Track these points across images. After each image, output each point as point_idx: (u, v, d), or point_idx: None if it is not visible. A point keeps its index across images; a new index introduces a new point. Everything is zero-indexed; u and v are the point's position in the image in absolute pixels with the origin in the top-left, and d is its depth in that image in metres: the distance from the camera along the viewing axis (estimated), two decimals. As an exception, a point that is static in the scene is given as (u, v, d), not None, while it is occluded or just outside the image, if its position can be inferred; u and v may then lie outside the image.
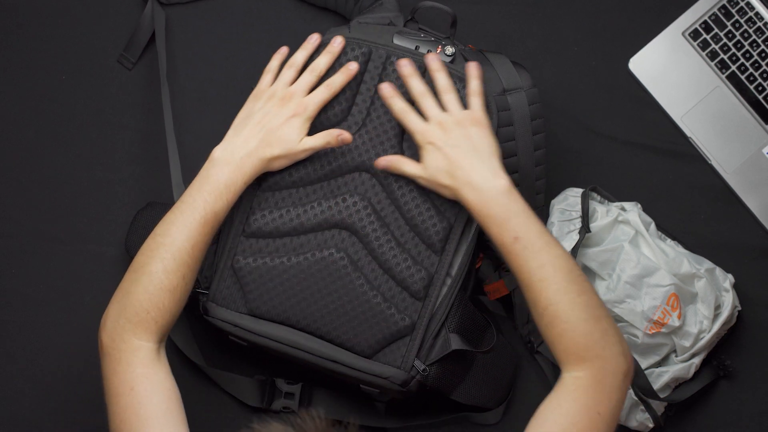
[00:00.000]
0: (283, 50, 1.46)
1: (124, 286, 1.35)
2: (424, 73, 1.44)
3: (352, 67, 1.43)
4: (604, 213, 1.57)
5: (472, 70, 1.43)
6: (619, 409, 1.29)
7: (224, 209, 1.38)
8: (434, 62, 1.42)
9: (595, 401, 1.27)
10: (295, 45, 1.63)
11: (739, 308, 1.58)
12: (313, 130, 1.44)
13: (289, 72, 1.43)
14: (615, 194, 1.62)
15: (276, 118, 1.40)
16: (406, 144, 1.45)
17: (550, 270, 1.31)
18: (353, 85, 1.45)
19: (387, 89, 1.42)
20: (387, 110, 1.45)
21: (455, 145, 1.38)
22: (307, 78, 1.43)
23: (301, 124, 1.41)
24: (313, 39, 1.45)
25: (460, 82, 1.44)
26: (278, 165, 1.42)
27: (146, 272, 1.33)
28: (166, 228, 1.36)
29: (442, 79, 1.42)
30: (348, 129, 1.45)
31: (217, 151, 1.40)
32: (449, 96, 1.41)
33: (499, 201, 1.35)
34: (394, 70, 1.45)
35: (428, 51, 1.46)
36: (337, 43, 1.44)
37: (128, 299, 1.34)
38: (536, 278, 1.31)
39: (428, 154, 1.39)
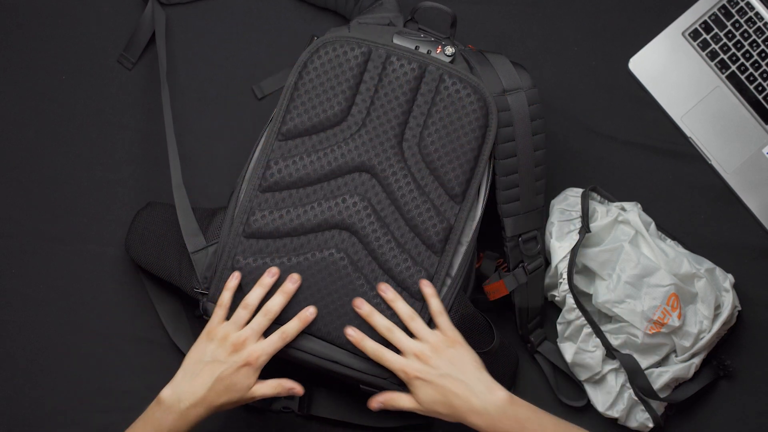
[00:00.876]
0: (235, 277, 1.42)
1: None
2: (423, 74, 1.44)
3: (309, 313, 1.41)
4: (604, 213, 1.57)
5: (426, 288, 1.42)
6: None
7: None
8: (387, 292, 1.42)
9: None
10: (295, 45, 1.63)
11: (739, 308, 1.58)
12: (312, 131, 1.44)
13: (242, 313, 1.40)
14: (615, 194, 1.62)
15: (226, 366, 1.38)
16: (406, 144, 1.45)
17: None
18: (353, 85, 1.45)
19: (353, 335, 1.41)
20: (387, 110, 1.45)
21: (442, 374, 1.37)
22: (260, 321, 1.40)
23: (253, 373, 1.38)
24: (271, 273, 1.42)
25: (460, 82, 1.44)
26: (226, 408, 1.40)
27: None
28: None
29: (402, 308, 1.41)
30: (348, 129, 1.45)
31: (165, 393, 1.39)
32: (415, 324, 1.41)
33: (507, 415, 1.35)
34: (394, 71, 1.45)
35: (428, 51, 1.46)
36: (291, 282, 1.41)
37: None
38: None
39: (418, 389, 1.38)
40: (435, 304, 1.42)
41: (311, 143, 1.45)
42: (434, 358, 1.38)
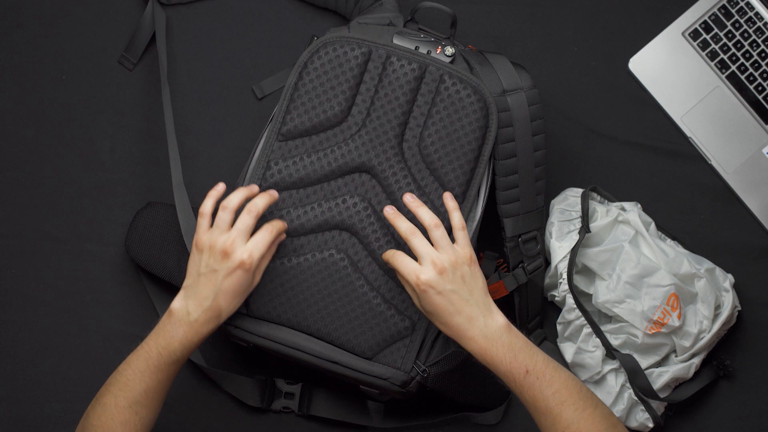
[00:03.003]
0: (219, 187, 1.41)
1: (87, 409, 1.39)
2: (424, 74, 1.44)
3: (274, 194, 1.41)
4: (604, 213, 1.57)
5: (449, 202, 1.42)
6: None
7: (179, 362, 1.38)
8: (412, 201, 1.41)
9: None
10: (295, 45, 1.63)
11: (739, 308, 1.58)
12: (312, 131, 1.45)
13: (223, 215, 1.38)
14: (615, 194, 1.62)
15: (222, 273, 1.37)
16: (406, 144, 1.45)
17: (565, 393, 1.33)
18: (353, 85, 1.45)
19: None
20: (387, 110, 1.45)
21: (453, 289, 1.37)
22: (245, 220, 1.38)
23: (250, 273, 1.37)
24: (253, 187, 1.41)
25: (460, 82, 1.44)
26: (238, 307, 1.40)
27: (101, 403, 1.36)
28: (125, 367, 1.38)
29: (426, 214, 1.40)
30: (348, 129, 1.45)
31: (176, 304, 1.38)
32: (438, 232, 1.39)
33: (502, 341, 1.35)
34: (395, 71, 1.45)
35: (428, 51, 1.46)
36: (274, 193, 1.41)
37: (86, 422, 1.37)
38: (553, 403, 1.33)
39: (424, 295, 1.37)
40: (456, 218, 1.40)
41: (311, 144, 1.45)
42: (449, 271, 1.37)
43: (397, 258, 1.39)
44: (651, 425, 1.55)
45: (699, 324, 1.53)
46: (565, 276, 1.54)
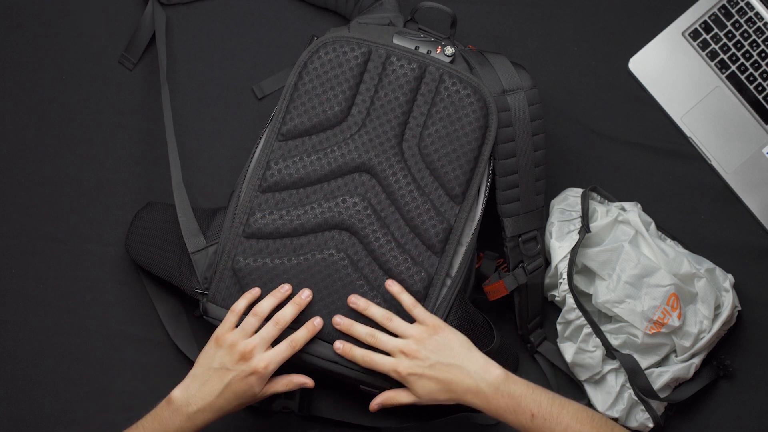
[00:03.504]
0: (255, 291, 1.43)
1: None
2: (423, 74, 1.44)
3: (316, 323, 1.42)
4: (604, 213, 1.57)
5: (392, 287, 1.43)
6: None
7: None
8: (357, 303, 1.43)
9: None
10: (295, 45, 1.63)
11: (739, 308, 1.58)
12: (312, 131, 1.45)
13: (252, 320, 1.41)
14: (615, 194, 1.62)
15: (234, 374, 1.38)
16: (406, 144, 1.45)
17: (576, 427, 1.34)
18: (353, 85, 1.45)
19: (341, 348, 1.42)
20: (387, 110, 1.45)
21: (431, 364, 1.38)
22: (270, 330, 1.40)
23: (261, 381, 1.39)
24: (284, 289, 1.43)
25: (460, 82, 1.44)
26: (233, 411, 1.41)
27: None
28: None
29: (376, 312, 1.42)
30: (348, 129, 1.45)
31: (175, 393, 1.39)
32: (393, 323, 1.42)
33: (502, 392, 1.36)
34: (394, 71, 1.45)
35: (428, 51, 1.46)
36: (305, 295, 1.43)
37: None
38: None
39: (414, 384, 1.39)
40: (406, 299, 1.43)
41: (311, 143, 1.45)
42: (420, 350, 1.39)
43: (373, 359, 1.41)
44: (651, 425, 1.55)
45: (699, 324, 1.53)
46: (565, 276, 1.54)
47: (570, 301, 1.54)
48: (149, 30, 1.63)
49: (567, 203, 1.58)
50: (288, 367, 1.52)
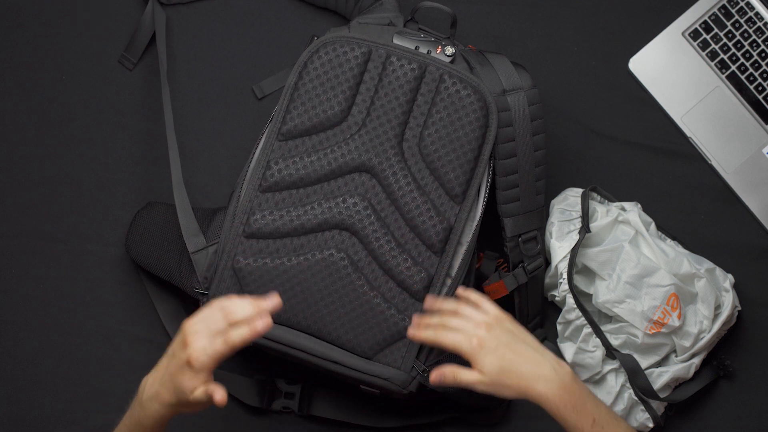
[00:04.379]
0: (266, 324, 1.26)
1: None
2: (423, 74, 1.44)
3: (259, 325, 1.24)
4: (604, 213, 1.57)
5: (462, 293, 1.36)
6: None
7: None
8: (433, 303, 1.36)
9: None
10: (295, 45, 1.64)
11: (739, 308, 1.58)
12: (312, 131, 1.45)
13: (217, 314, 1.26)
14: (615, 194, 1.62)
15: (175, 362, 1.26)
16: (406, 144, 1.45)
17: None
18: (353, 85, 1.45)
19: (413, 333, 1.33)
20: (387, 110, 1.45)
21: (509, 342, 1.30)
22: (218, 322, 1.26)
23: (194, 375, 1.24)
24: (268, 302, 1.26)
25: (460, 82, 1.45)
26: (175, 410, 1.28)
27: None
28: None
29: (448, 304, 1.35)
30: (348, 129, 1.45)
31: (143, 381, 1.30)
32: (467, 310, 1.33)
33: (573, 388, 1.29)
34: (395, 70, 1.45)
35: (428, 51, 1.46)
36: (260, 326, 1.25)
37: None
38: None
39: (484, 358, 1.29)
40: (473, 296, 1.35)
41: (311, 143, 1.45)
42: (497, 327, 1.31)
43: (446, 336, 1.32)
44: (651, 425, 1.55)
45: (699, 324, 1.53)
46: (565, 276, 1.54)
47: (570, 301, 1.54)
48: (149, 30, 1.63)
49: (567, 203, 1.58)
50: (288, 366, 1.52)
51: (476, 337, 1.30)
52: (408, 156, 1.45)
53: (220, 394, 1.25)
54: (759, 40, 1.63)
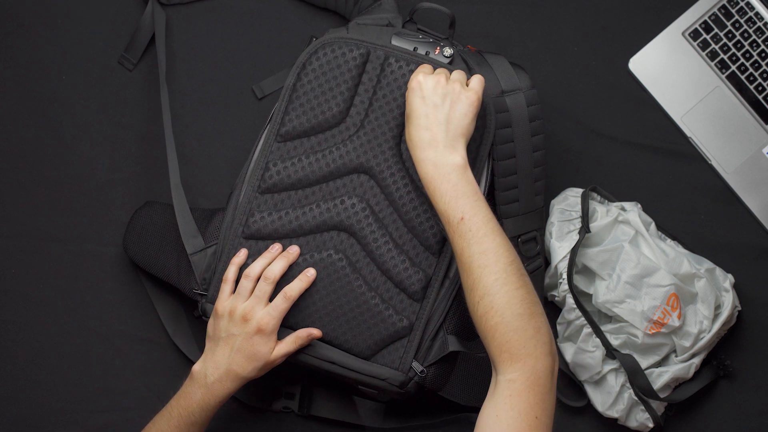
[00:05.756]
0: (242, 254, 1.45)
1: None
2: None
3: (310, 274, 1.44)
4: (604, 213, 1.57)
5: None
6: (553, 410, 1.27)
7: (199, 423, 1.41)
8: None
9: (532, 405, 1.25)
10: (295, 45, 1.63)
11: (739, 308, 1.58)
12: (311, 132, 1.45)
13: (245, 283, 1.43)
14: (615, 194, 1.62)
15: (241, 338, 1.41)
16: (404, 146, 1.45)
17: (491, 258, 1.29)
18: (351, 86, 1.45)
19: None
20: (385, 111, 1.45)
21: (435, 104, 1.36)
22: (263, 288, 1.42)
23: (266, 338, 1.41)
24: (275, 249, 1.45)
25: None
26: (256, 375, 1.42)
27: None
28: (150, 427, 1.42)
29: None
30: (346, 130, 1.45)
31: (196, 367, 1.42)
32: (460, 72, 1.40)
33: (450, 177, 1.33)
34: (393, 72, 1.45)
35: (426, 52, 1.46)
36: (294, 250, 1.44)
37: None
38: (476, 264, 1.29)
39: (411, 96, 1.37)
40: (477, 77, 1.40)
41: (310, 145, 1.45)
42: (442, 83, 1.37)
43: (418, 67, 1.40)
44: (651, 425, 1.55)
45: (699, 324, 1.53)
46: (565, 276, 1.54)
47: (570, 301, 1.54)
48: (149, 30, 1.63)
49: (567, 203, 1.57)
50: (289, 367, 1.52)
51: (420, 74, 1.38)
52: (406, 157, 1.45)
53: (317, 331, 1.44)
54: (759, 40, 1.63)
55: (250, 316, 1.40)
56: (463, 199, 1.32)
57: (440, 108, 1.35)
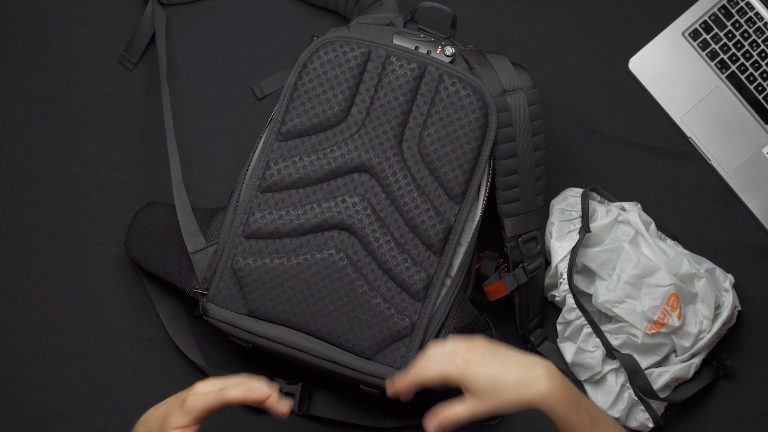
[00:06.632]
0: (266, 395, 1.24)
1: None
2: (423, 74, 1.44)
3: (257, 394, 1.20)
4: (604, 213, 1.57)
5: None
6: None
7: None
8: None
9: None
10: (295, 45, 1.64)
11: (739, 308, 1.58)
12: (312, 131, 1.45)
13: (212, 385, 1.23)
14: (615, 194, 1.62)
15: (174, 400, 1.23)
16: (406, 144, 1.45)
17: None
18: (352, 85, 1.45)
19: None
20: (386, 110, 1.45)
21: (493, 353, 1.22)
22: (223, 383, 1.21)
23: (183, 414, 1.20)
24: (260, 393, 1.21)
25: (460, 82, 1.44)
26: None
27: None
28: None
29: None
30: (347, 129, 1.45)
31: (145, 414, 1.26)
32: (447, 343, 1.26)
33: (568, 385, 1.22)
34: (394, 71, 1.45)
35: (428, 51, 1.46)
36: (263, 392, 1.22)
37: None
38: None
39: (474, 376, 1.21)
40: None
41: (311, 143, 1.45)
42: (475, 345, 1.23)
43: (427, 369, 1.23)
44: (651, 425, 1.55)
45: (699, 324, 1.53)
46: (565, 276, 1.54)
47: (570, 301, 1.54)
48: (149, 30, 1.63)
49: (567, 203, 1.58)
50: (288, 366, 1.52)
51: (460, 357, 1.21)
52: (407, 156, 1.45)
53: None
54: (759, 40, 1.63)
55: (195, 386, 1.21)
56: (582, 399, 1.22)
57: (495, 352, 1.23)
